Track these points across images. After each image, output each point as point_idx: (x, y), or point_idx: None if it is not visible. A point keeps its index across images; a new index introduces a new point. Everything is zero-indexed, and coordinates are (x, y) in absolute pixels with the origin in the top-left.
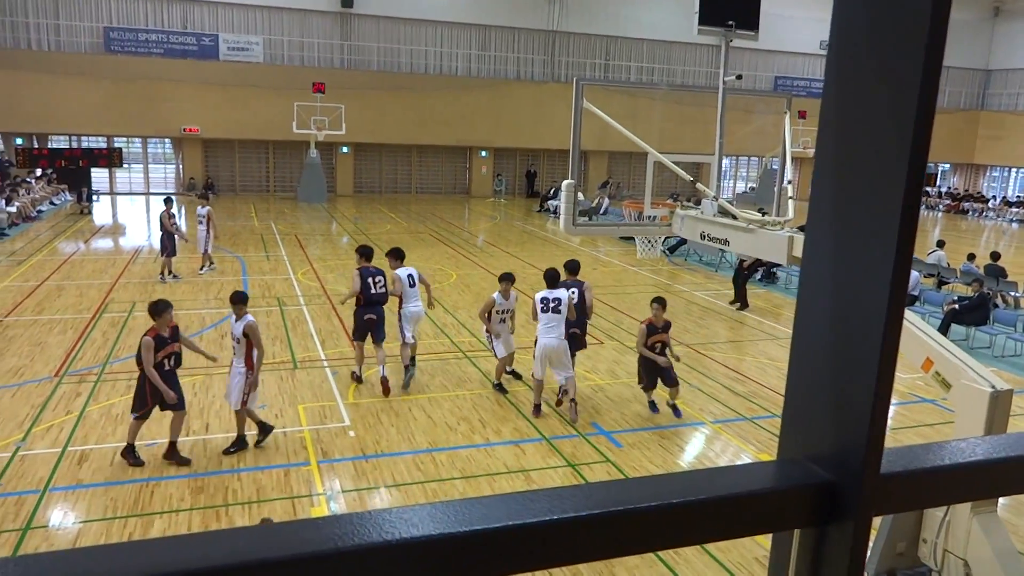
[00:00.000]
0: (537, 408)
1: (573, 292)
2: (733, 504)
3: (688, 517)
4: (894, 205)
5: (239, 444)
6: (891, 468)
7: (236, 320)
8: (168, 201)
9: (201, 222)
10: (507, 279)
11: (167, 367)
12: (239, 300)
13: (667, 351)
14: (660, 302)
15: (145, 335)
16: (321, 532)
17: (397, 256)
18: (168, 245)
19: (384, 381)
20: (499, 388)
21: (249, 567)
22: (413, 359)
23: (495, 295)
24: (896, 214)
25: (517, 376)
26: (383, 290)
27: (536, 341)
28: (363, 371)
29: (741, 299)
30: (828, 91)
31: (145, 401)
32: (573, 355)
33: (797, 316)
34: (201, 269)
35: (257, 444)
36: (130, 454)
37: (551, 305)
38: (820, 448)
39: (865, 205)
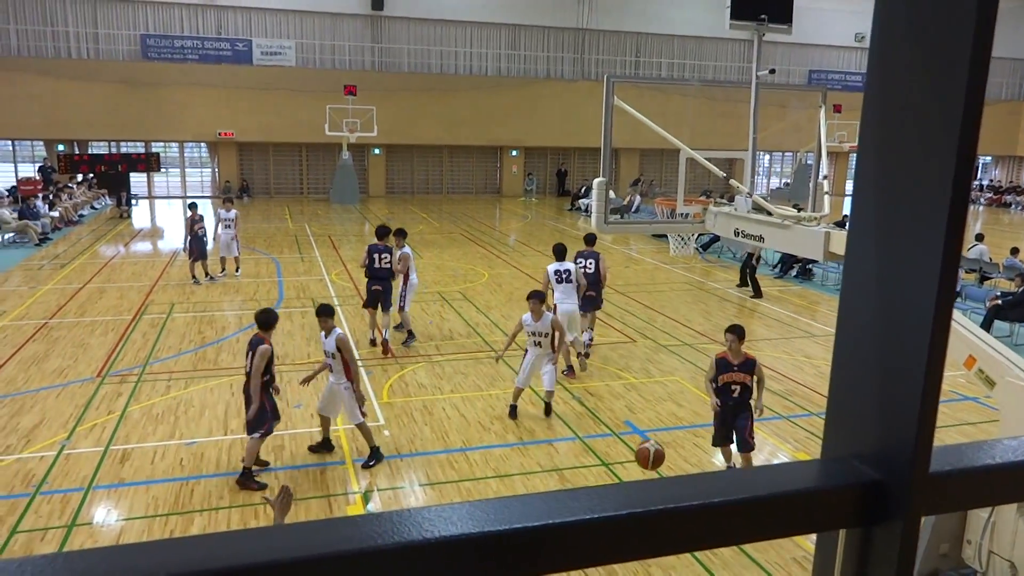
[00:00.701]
0: (570, 369)
1: (590, 261)
2: (777, 503)
3: (731, 517)
4: (942, 200)
5: (375, 456)
6: (940, 467)
7: (326, 336)
8: (193, 206)
9: (229, 226)
10: (535, 297)
11: (270, 378)
12: (327, 313)
13: (751, 400)
14: (734, 332)
15: (263, 344)
16: (361, 530)
17: (403, 235)
18: (195, 249)
19: (384, 343)
20: (512, 412)
21: (290, 564)
22: (411, 332)
23: (524, 316)
24: (944, 208)
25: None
26: (387, 266)
27: (554, 309)
28: (376, 335)
29: (755, 289)
30: (871, 84)
31: (266, 417)
32: (592, 312)
33: (841, 312)
34: (236, 271)
35: (312, 448)
36: (251, 480)
37: (563, 276)
38: (866, 446)
39: (911, 200)
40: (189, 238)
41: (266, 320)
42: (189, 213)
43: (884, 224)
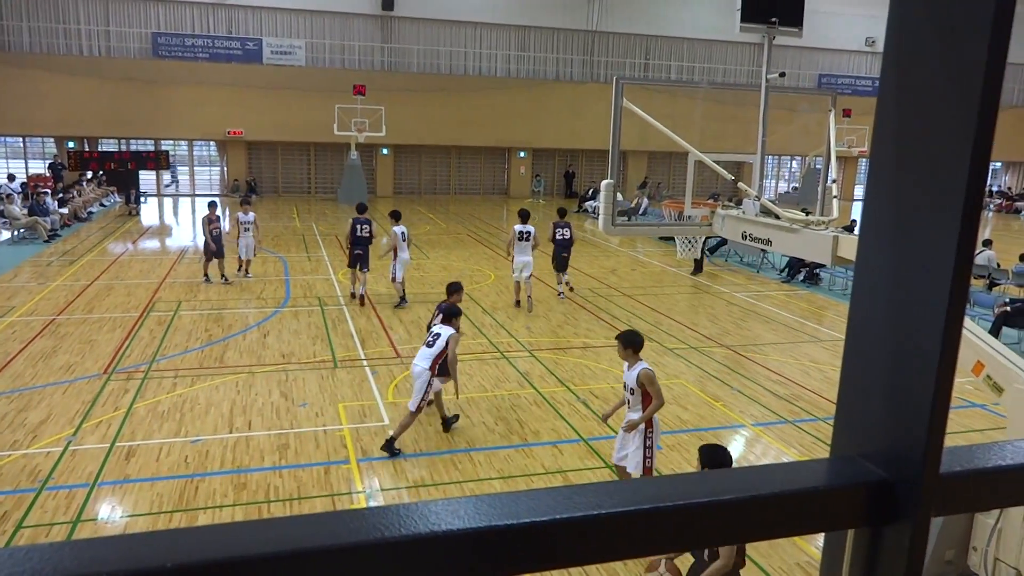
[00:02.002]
0: (517, 303)
1: (566, 230)
2: (785, 501)
3: (739, 514)
4: (955, 201)
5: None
6: (951, 467)
7: (441, 325)
8: (212, 205)
9: (248, 229)
10: (621, 339)
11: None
12: (454, 314)
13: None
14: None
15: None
16: (367, 522)
17: (395, 217)
18: (210, 248)
19: (362, 297)
20: None
21: (294, 555)
22: (404, 296)
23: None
24: (958, 210)
25: None
26: (367, 235)
27: (513, 259)
28: (357, 290)
29: (698, 265)
30: (885, 87)
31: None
32: (563, 271)
33: (851, 311)
34: (247, 274)
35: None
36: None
37: (524, 236)
38: (875, 446)
39: (924, 200)
40: (205, 238)
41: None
42: (207, 212)
43: (897, 224)
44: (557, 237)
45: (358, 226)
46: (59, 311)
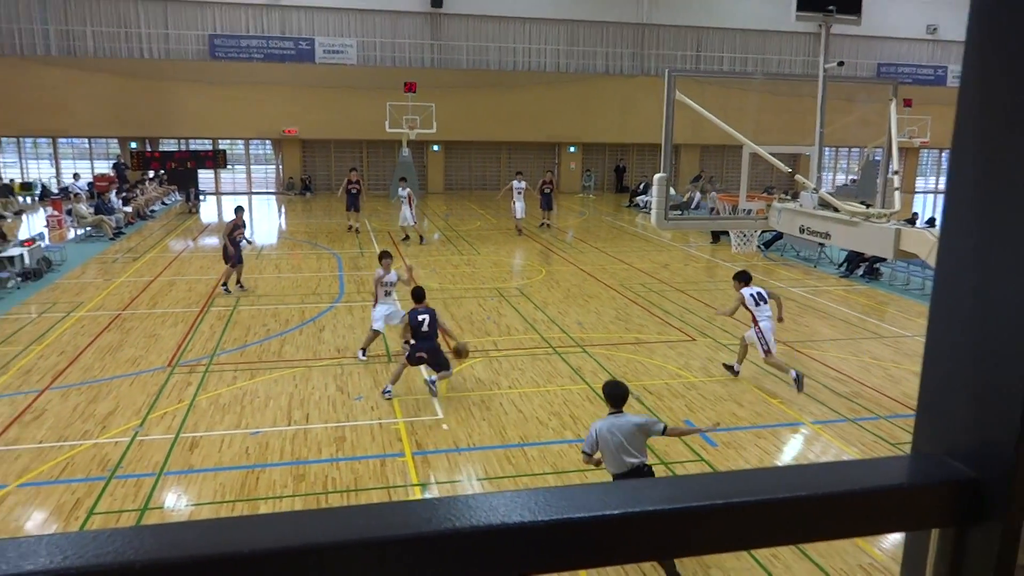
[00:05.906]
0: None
1: (549, 184)
2: (865, 500)
3: (816, 512)
4: None
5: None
6: None
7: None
8: (239, 210)
9: (389, 292)
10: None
11: None
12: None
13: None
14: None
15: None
16: (438, 512)
17: (405, 180)
18: (233, 255)
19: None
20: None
21: (370, 543)
22: (406, 236)
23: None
24: None
25: None
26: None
27: (514, 204)
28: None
29: (716, 236)
30: (969, 72)
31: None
32: (550, 209)
33: (933, 306)
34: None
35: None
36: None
37: (520, 191)
38: (961, 443)
39: (1014, 190)
40: (226, 243)
41: None
42: (234, 217)
43: (983, 216)
44: (544, 191)
45: (350, 185)
46: (124, 306)
